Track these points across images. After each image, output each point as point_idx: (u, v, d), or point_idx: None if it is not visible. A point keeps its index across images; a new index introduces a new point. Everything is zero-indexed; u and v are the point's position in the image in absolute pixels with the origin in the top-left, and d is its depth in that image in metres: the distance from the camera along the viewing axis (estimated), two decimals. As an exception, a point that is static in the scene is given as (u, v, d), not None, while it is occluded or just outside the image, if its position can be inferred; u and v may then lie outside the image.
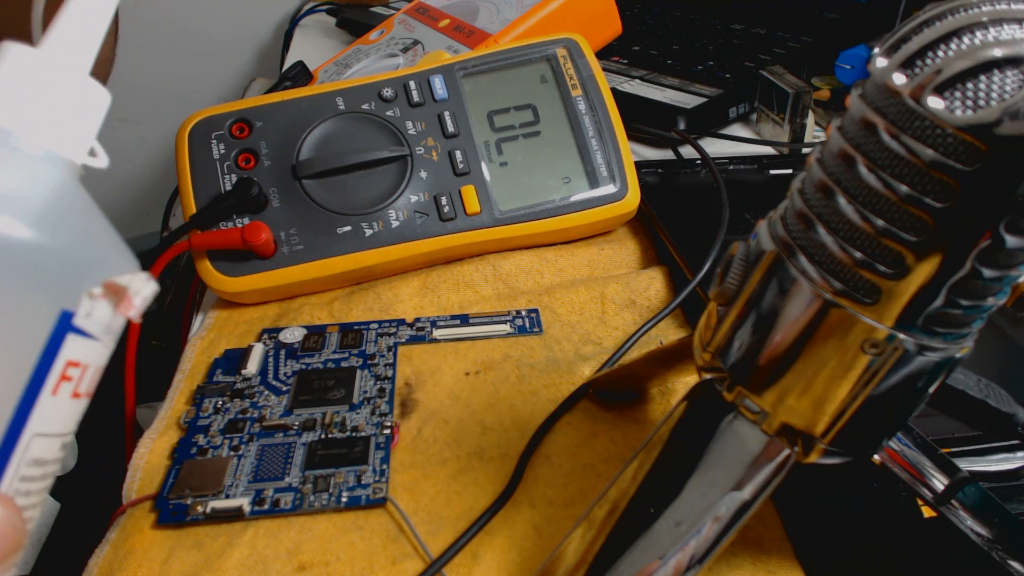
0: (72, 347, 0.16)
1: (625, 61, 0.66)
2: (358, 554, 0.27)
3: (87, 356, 0.17)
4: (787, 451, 0.21)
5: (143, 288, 0.18)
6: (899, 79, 0.16)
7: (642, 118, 0.55)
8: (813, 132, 0.54)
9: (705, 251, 0.38)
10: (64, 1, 0.18)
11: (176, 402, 0.33)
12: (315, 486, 0.28)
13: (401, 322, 0.37)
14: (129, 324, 0.37)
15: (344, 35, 0.84)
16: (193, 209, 0.38)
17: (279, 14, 1.09)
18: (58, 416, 0.16)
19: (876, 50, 0.17)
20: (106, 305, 0.17)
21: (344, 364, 0.35)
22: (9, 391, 0.15)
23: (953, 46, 0.16)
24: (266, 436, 0.31)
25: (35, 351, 0.15)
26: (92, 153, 0.17)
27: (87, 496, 0.39)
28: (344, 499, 0.28)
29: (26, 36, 0.34)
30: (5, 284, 0.15)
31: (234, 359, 0.35)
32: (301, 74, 0.55)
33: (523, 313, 0.38)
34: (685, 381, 0.33)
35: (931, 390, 0.19)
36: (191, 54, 1.09)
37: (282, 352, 0.35)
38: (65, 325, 0.16)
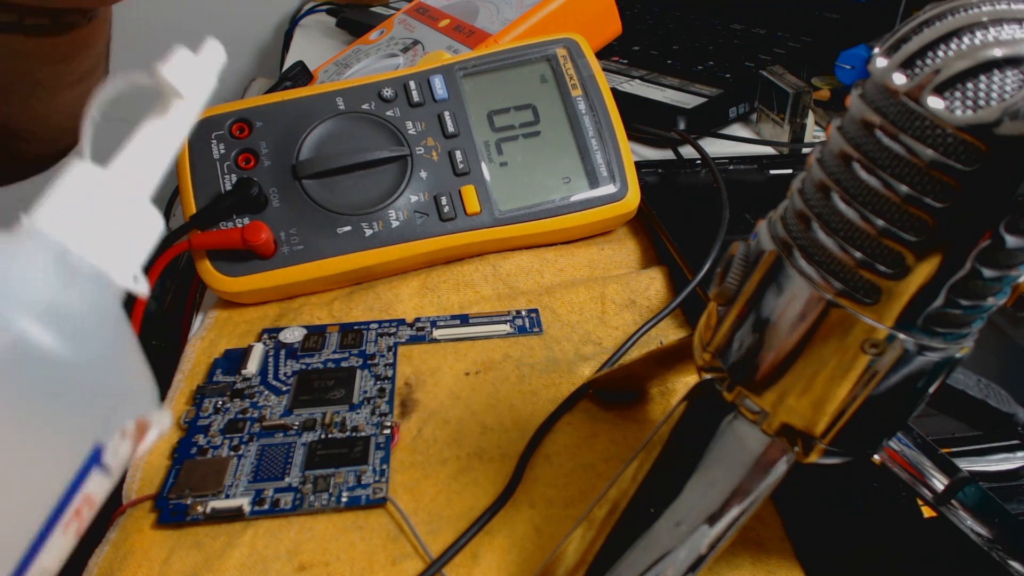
0: (92, 482, 0.15)
1: (625, 61, 0.66)
2: (358, 554, 0.27)
3: (99, 490, 0.16)
4: (787, 451, 0.21)
5: (161, 424, 0.17)
6: (899, 79, 0.16)
7: (642, 118, 0.55)
8: (813, 132, 0.54)
9: (705, 251, 0.38)
10: (139, 126, 0.18)
11: (176, 402, 0.33)
12: (315, 486, 0.28)
13: (401, 322, 0.37)
14: (129, 325, 0.37)
15: (344, 35, 0.84)
16: (193, 209, 0.38)
17: (279, 14, 1.09)
18: (57, 555, 0.15)
19: (876, 50, 0.17)
20: (130, 442, 0.16)
21: (344, 364, 0.35)
22: (27, 528, 0.14)
23: (953, 46, 0.16)
24: (266, 436, 0.31)
25: (62, 485, 0.15)
26: (135, 280, 0.17)
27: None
28: (344, 499, 0.28)
29: (31, 129, 0.34)
30: (47, 406, 0.14)
31: (234, 359, 0.35)
32: (301, 74, 0.55)
33: (523, 313, 0.38)
34: (685, 381, 0.33)
35: (931, 390, 0.19)
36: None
37: (282, 352, 0.35)
38: (94, 459, 0.15)
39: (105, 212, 0.17)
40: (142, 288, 0.17)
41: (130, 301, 0.37)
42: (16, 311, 0.14)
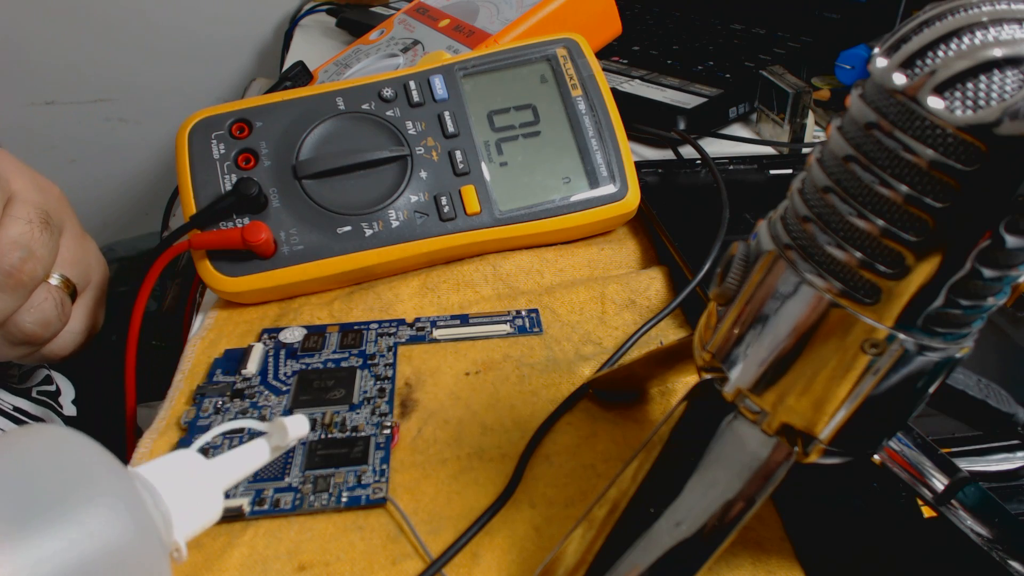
0: None
1: (625, 61, 0.66)
2: (358, 554, 0.27)
3: None
4: (787, 451, 0.21)
5: None
6: (899, 79, 0.16)
7: (642, 118, 0.55)
8: (813, 132, 0.54)
9: (705, 251, 0.38)
10: (250, 444, 0.24)
11: (176, 402, 0.33)
12: (315, 486, 0.28)
13: (401, 322, 0.37)
14: (129, 324, 0.37)
15: (344, 35, 0.84)
16: (193, 209, 0.38)
17: (279, 14, 1.09)
18: None
19: (876, 50, 0.17)
20: None
21: (344, 364, 0.35)
22: None
23: (953, 46, 0.16)
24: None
25: None
26: (177, 551, 0.21)
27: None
28: (344, 499, 0.28)
29: None
30: None
31: (234, 359, 0.35)
32: (301, 74, 0.55)
33: (523, 313, 0.38)
34: (685, 381, 0.33)
35: (931, 390, 0.19)
36: (191, 54, 1.09)
37: (282, 352, 0.35)
38: None
39: (190, 483, 0.22)
40: (180, 557, 0.21)
41: (130, 301, 0.37)
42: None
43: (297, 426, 0.24)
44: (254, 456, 0.24)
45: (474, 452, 0.31)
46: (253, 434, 0.31)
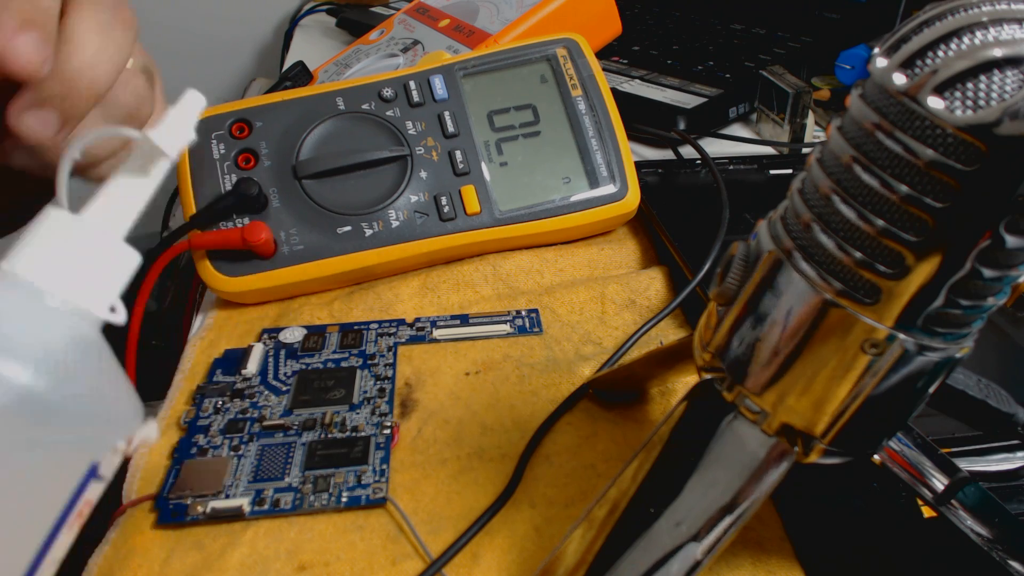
0: (91, 490, 0.19)
1: (625, 61, 0.66)
2: (358, 554, 0.27)
3: (96, 494, 0.19)
4: (787, 451, 0.21)
5: (149, 435, 0.20)
6: (899, 79, 0.16)
7: (642, 118, 0.55)
8: (813, 132, 0.54)
9: (705, 251, 0.38)
10: (116, 175, 0.20)
11: (176, 402, 0.33)
12: (315, 486, 0.28)
13: (401, 322, 0.37)
14: (129, 324, 0.37)
15: (344, 35, 0.84)
16: (193, 209, 0.38)
17: (279, 14, 1.09)
18: (64, 546, 0.19)
19: (876, 50, 0.17)
20: (120, 454, 0.19)
21: (344, 364, 0.35)
22: (40, 532, 0.18)
23: (953, 46, 0.16)
24: (266, 436, 0.31)
25: (65, 497, 0.18)
26: (113, 309, 0.19)
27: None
28: (344, 499, 0.28)
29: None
30: (50, 440, 0.17)
31: (234, 359, 0.35)
32: (301, 74, 0.55)
33: (523, 313, 0.38)
34: (685, 381, 0.33)
35: (931, 390, 0.19)
36: (191, 54, 1.09)
37: (282, 352, 0.35)
38: (91, 474, 0.18)
39: (79, 254, 0.18)
40: (119, 318, 0.19)
41: (130, 302, 0.37)
42: (4, 358, 0.16)
43: (177, 131, 0.20)
44: (132, 185, 0.20)
45: (474, 452, 0.31)
46: (253, 422, 0.31)
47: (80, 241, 0.19)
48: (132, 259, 0.20)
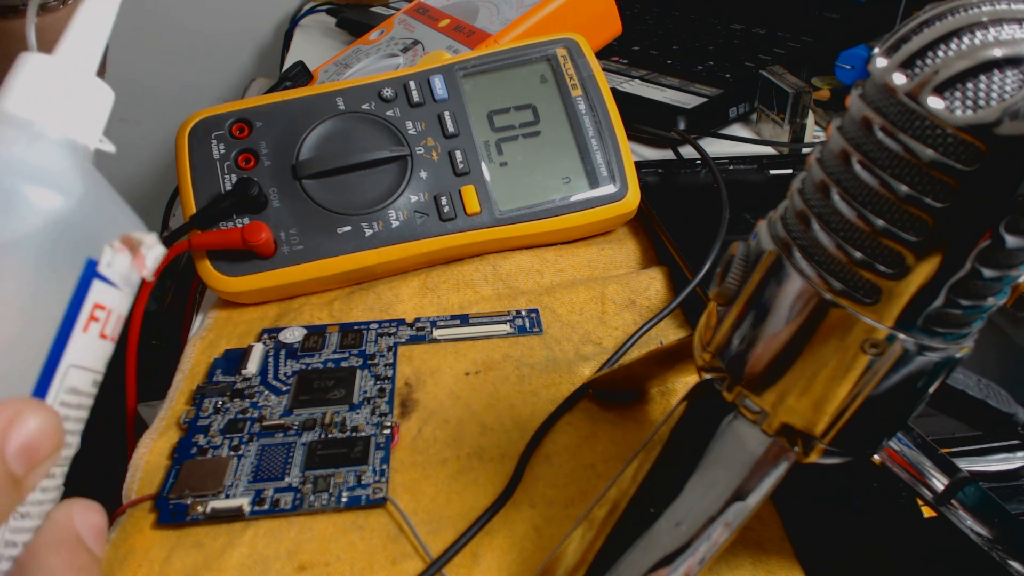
0: (98, 292, 0.19)
1: (625, 61, 0.66)
2: (358, 554, 0.27)
3: (110, 302, 0.20)
4: (787, 451, 0.21)
5: (154, 247, 0.20)
6: (899, 79, 0.16)
7: (642, 118, 0.55)
8: (813, 132, 0.54)
9: (705, 251, 0.38)
10: (73, 14, 0.21)
11: (176, 402, 0.33)
12: (315, 486, 0.28)
13: (401, 322, 0.37)
14: (129, 324, 0.37)
15: (344, 35, 0.84)
16: (193, 209, 0.38)
17: (279, 14, 1.09)
18: (89, 352, 0.19)
19: (876, 50, 0.17)
20: (124, 257, 0.20)
21: (344, 364, 0.35)
22: (48, 324, 0.18)
23: (953, 46, 0.16)
24: (266, 436, 0.31)
25: (68, 292, 0.18)
26: (101, 141, 0.20)
27: (87, 495, 0.39)
28: (344, 499, 0.28)
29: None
30: (42, 240, 0.18)
31: (234, 359, 0.35)
32: (301, 74, 0.55)
33: (523, 313, 0.38)
34: (685, 381, 0.33)
35: (931, 390, 0.19)
36: (191, 54, 1.09)
37: (282, 352, 0.35)
38: (91, 272, 0.19)
39: (60, 89, 0.20)
40: (110, 146, 0.20)
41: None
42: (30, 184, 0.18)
43: None
44: (94, 21, 0.21)
45: (474, 452, 0.31)
46: (253, 422, 0.31)
47: (61, 79, 0.20)
48: (109, 94, 0.21)
